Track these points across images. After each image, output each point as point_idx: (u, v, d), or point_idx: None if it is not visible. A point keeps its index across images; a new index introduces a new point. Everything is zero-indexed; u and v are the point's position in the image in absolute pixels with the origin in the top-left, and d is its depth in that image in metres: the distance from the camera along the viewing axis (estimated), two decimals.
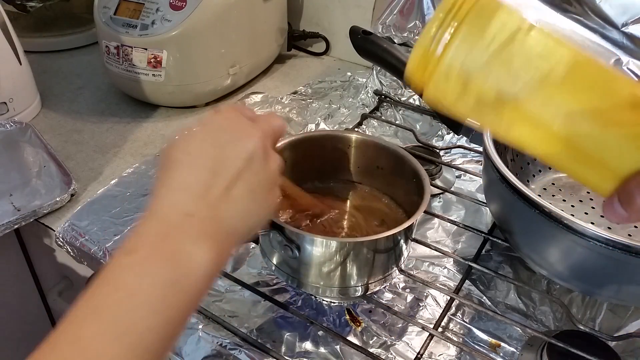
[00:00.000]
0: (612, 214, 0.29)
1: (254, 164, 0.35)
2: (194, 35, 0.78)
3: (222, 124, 0.36)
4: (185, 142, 0.35)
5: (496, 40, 0.28)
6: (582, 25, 0.70)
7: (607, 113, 0.27)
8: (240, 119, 0.37)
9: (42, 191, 0.65)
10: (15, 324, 0.81)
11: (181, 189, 0.33)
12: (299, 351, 0.49)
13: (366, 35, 0.64)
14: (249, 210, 0.35)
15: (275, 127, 0.39)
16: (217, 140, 0.35)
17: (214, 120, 0.37)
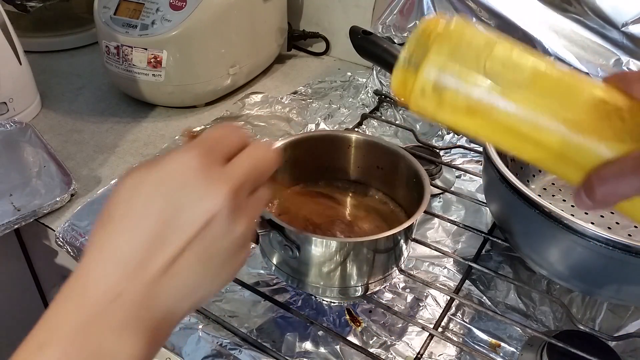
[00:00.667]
0: (580, 204, 0.31)
1: (213, 230, 0.28)
2: (194, 35, 0.78)
3: (179, 175, 0.28)
4: (130, 194, 0.29)
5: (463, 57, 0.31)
6: (582, 25, 0.70)
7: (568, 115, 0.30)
8: (209, 166, 0.29)
9: (42, 191, 0.65)
10: (15, 324, 0.81)
11: (113, 260, 0.27)
12: (299, 351, 0.49)
13: (366, 35, 0.64)
14: (196, 285, 0.29)
15: (260, 166, 0.32)
16: (169, 198, 0.28)
17: (172, 165, 0.29)
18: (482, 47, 0.31)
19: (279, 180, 0.49)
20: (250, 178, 0.30)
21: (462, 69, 0.31)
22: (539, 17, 0.72)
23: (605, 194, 0.29)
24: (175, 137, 0.77)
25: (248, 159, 0.31)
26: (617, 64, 0.68)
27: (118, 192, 0.29)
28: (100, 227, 0.28)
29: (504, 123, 0.31)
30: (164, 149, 0.74)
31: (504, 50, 0.31)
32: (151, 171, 0.29)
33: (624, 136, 0.29)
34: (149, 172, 0.29)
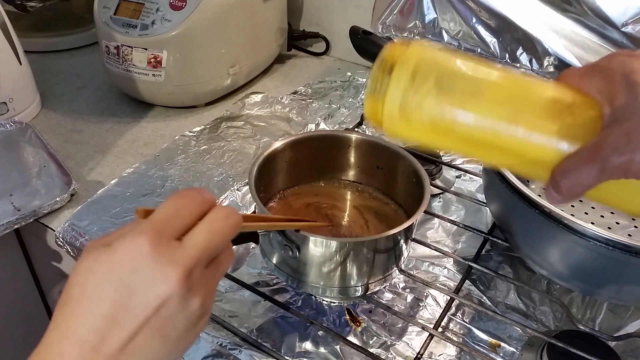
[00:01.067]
0: (550, 199, 0.33)
1: (167, 311, 0.29)
2: (194, 35, 0.78)
3: (131, 259, 0.29)
4: (85, 277, 0.29)
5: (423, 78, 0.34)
6: (582, 25, 0.70)
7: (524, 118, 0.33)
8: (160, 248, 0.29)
9: (42, 191, 0.65)
10: (15, 324, 0.81)
11: (72, 338, 0.28)
12: (299, 351, 0.49)
13: (366, 35, 0.64)
14: (158, 357, 0.30)
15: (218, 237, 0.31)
16: (122, 282, 0.29)
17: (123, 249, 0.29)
18: (438, 67, 0.34)
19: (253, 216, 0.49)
20: (206, 252, 0.31)
21: (422, 89, 0.33)
22: (539, 17, 0.72)
23: (569, 185, 0.31)
24: (175, 137, 0.77)
25: (204, 232, 0.31)
26: None
27: (76, 272, 0.30)
28: (60, 307, 0.29)
29: (468, 134, 0.34)
30: (164, 149, 0.74)
31: (459, 66, 0.34)
32: (104, 254, 0.29)
33: (577, 130, 0.32)
34: (103, 254, 0.30)
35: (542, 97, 0.33)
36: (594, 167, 0.30)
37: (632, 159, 0.29)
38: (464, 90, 0.34)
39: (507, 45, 0.75)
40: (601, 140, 0.30)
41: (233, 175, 0.70)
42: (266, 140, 0.77)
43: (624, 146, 0.29)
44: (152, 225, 0.30)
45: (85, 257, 0.30)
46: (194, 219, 0.31)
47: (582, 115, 0.32)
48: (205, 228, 0.31)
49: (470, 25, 0.77)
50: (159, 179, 0.69)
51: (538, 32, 0.72)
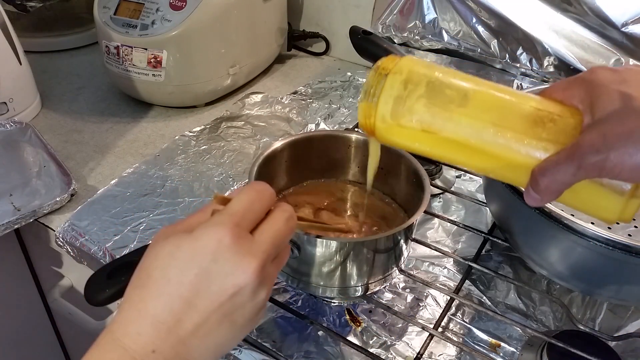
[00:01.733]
0: (529, 199, 0.35)
1: (239, 300, 0.31)
2: (194, 35, 0.78)
3: (213, 248, 0.31)
4: (167, 260, 0.31)
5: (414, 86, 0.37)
6: (582, 25, 0.70)
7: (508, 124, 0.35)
8: (239, 240, 0.31)
9: (42, 191, 0.65)
10: (15, 324, 0.81)
11: (149, 317, 0.30)
12: (299, 351, 0.49)
13: (366, 35, 0.64)
14: (224, 342, 0.32)
15: (283, 235, 0.34)
16: (203, 269, 0.30)
17: (205, 238, 0.31)
18: (429, 76, 0.37)
19: None
20: (275, 248, 0.33)
21: (413, 95, 0.36)
22: (539, 17, 0.72)
23: (547, 184, 0.33)
24: (175, 137, 0.77)
25: (272, 230, 0.33)
26: (617, 63, 0.68)
27: (155, 255, 0.32)
28: (138, 287, 0.31)
29: (454, 139, 0.36)
30: (164, 149, 0.74)
31: (447, 77, 0.37)
32: (186, 240, 0.31)
33: (558, 135, 0.34)
34: (185, 241, 0.31)
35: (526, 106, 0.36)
36: (572, 165, 0.32)
37: (606, 158, 0.31)
38: (453, 97, 0.36)
39: (507, 45, 0.75)
40: (579, 140, 0.33)
41: (233, 175, 0.70)
42: (266, 140, 0.77)
43: (599, 145, 0.32)
44: (231, 218, 0.32)
45: (166, 242, 0.32)
46: (263, 214, 0.34)
47: (563, 122, 0.35)
48: (273, 228, 0.34)
49: (470, 25, 0.77)
50: (159, 179, 0.69)
51: (538, 32, 0.72)
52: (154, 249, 0.32)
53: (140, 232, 0.60)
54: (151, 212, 0.63)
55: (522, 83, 0.75)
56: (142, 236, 0.60)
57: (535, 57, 0.73)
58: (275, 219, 0.34)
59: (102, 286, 0.39)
